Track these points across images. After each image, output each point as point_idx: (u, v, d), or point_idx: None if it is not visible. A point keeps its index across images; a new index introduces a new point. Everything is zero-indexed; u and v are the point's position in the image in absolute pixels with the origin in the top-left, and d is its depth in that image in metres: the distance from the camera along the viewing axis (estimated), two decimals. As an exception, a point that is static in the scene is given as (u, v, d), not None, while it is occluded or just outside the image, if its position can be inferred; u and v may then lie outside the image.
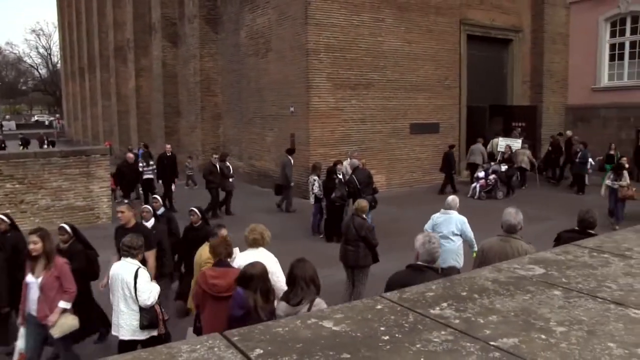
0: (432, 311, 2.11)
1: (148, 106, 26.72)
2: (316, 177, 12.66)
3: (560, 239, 5.48)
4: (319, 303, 4.31)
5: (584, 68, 21.57)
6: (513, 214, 5.29)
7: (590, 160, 16.74)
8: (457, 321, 2.00)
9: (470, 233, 7.26)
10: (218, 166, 14.28)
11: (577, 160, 16.64)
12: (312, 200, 12.59)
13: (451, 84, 18.51)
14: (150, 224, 7.34)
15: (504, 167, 16.38)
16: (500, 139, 18.58)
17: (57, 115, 63.19)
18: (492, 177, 16.09)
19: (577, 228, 5.65)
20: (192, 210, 7.65)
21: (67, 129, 49.13)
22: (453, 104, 18.71)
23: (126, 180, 15.22)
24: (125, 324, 5.18)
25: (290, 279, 4.41)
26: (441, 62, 18.11)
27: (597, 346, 1.79)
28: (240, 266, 4.80)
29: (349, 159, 13.40)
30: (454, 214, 7.27)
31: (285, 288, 4.53)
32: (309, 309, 4.19)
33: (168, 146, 16.67)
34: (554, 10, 21.56)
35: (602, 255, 2.86)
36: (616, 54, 20.79)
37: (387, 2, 16.77)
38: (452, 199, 7.46)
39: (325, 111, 15.90)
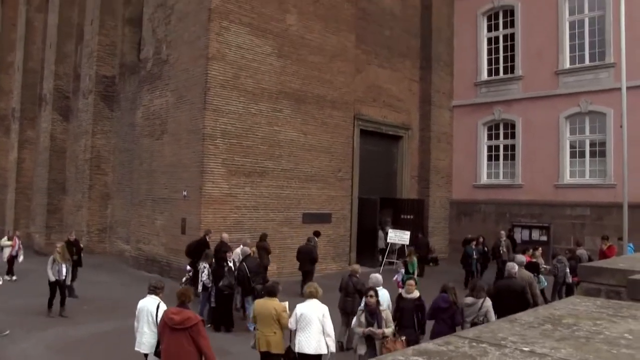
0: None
1: (30, 181, 25.15)
2: (206, 265, 12.34)
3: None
4: (488, 300, 8.16)
5: (466, 166, 23.27)
6: (510, 266, 9.64)
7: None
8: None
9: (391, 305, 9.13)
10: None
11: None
12: (199, 288, 12.15)
13: (344, 175, 19.12)
14: None
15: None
16: (390, 230, 19.25)
17: None
18: (192, 271, 14.03)
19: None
20: None
21: None
22: (345, 195, 19.24)
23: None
24: (147, 341, 7.04)
25: (472, 286, 8.56)
26: (335, 154, 18.75)
27: None
28: (303, 313, 7.24)
29: (241, 246, 13.24)
30: (381, 289, 8.88)
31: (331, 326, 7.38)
32: (483, 301, 8.04)
33: (225, 235, 13.99)
34: (439, 111, 23.35)
35: (481, 345, 2.95)
36: (493, 154, 22.71)
37: (285, 94, 17.33)
38: (378, 276, 9.17)
39: (219, 197, 15.74)
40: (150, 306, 7.15)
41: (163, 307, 7.09)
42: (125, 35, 22.15)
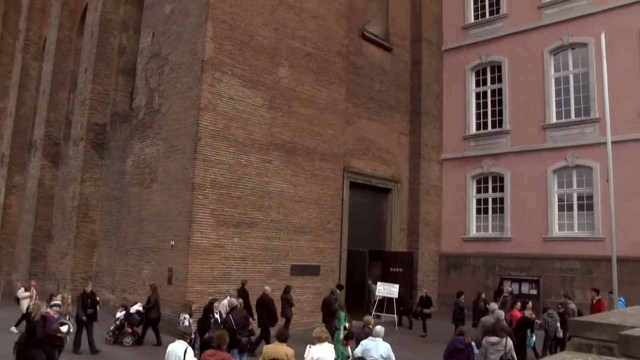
0: None
1: (15, 227, 24.83)
2: (187, 315, 12.16)
3: None
4: (509, 338, 9.23)
5: (455, 219, 23.31)
6: (499, 313, 11.22)
7: None
8: None
9: (394, 358, 8.95)
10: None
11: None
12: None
13: (333, 227, 18.98)
14: None
15: (135, 308, 14.27)
16: (378, 283, 19.05)
17: None
18: (118, 320, 14.13)
19: None
20: None
21: None
22: (334, 248, 19.04)
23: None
24: None
25: (494, 327, 9.69)
26: (324, 206, 18.66)
27: None
28: (320, 357, 7.32)
29: (228, 297, 13.00)
30: (380, 340, 8.96)
31: None
32: (506, 341, 9.06)
33: (267, 288, 14.47)
34: (428, 164, 23.55)
35: None
36: (482, 207, 22.80)
37: (275, 145, 17.38)
38: (380, 328, 9.24)
39: (206, 247, 15.52)
40: (179, 350, 7.68)
41: (190, 352, 7.71)
42: (119, 84, 22.38)
